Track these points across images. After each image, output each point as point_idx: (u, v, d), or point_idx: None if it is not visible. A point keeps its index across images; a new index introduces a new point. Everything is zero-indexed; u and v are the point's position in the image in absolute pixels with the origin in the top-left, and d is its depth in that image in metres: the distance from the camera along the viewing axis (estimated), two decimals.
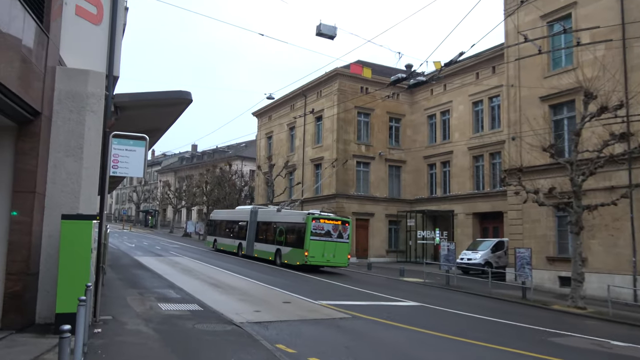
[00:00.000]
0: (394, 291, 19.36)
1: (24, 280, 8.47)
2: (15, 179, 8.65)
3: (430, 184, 38.15)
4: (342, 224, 26.58)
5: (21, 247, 8.52)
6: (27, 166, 8.67)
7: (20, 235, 8.55)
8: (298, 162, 42.36)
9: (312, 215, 26.06)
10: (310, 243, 25.48)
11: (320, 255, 25.72)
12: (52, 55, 9.02)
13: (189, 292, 15.28)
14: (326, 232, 25.97)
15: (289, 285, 18.76)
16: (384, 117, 39.08)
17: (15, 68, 7.57)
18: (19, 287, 8.40)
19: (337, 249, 26.03)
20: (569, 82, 22.27)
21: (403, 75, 18.90)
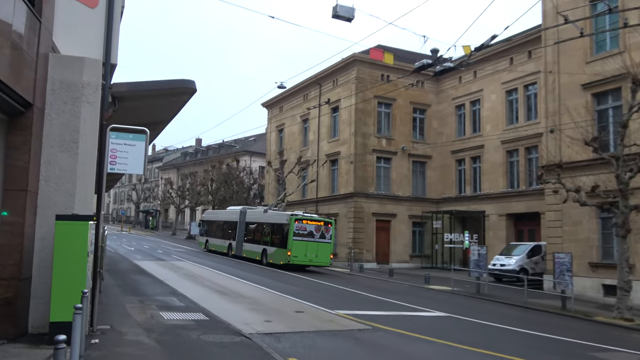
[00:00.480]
0: (419, 300, 19.29)
1: (16, 286, 8.56)
2: (5, 176, 8.73)
3: (458, 181, 37.93)
4: (324, 225, 29.67)
5: (12, 250, 8.61)
6: (19, 162, 8.76)
7: (11, 237, 8.64)
8: (312, 157, 42.40)
9: (295, 216, 29.17)
10: (293, 243, 28.52)
11: (302, 255, 28.72)
12: (44, 41, 9.11)
13: (193, 299, 15.37)
14: (309, 233, 28.99)
15: (301, 293, 18.79)
16: (407, 107, 38.90)
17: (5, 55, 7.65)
18: (11, 294, 8.49)
19: (319, 249, 29.05)
20: (615, 67, 21.94)
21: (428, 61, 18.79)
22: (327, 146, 40.88)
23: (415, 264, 37.66)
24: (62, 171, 9.30)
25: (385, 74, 37.72)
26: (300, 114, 45.02)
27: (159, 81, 10.99)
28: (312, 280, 24.41)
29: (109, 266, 22.18)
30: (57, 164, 9.30)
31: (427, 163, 39.54)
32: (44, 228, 9.09)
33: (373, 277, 28.42)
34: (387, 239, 37.57)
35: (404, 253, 37.95)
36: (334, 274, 29.59)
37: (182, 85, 11.14)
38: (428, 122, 39.84)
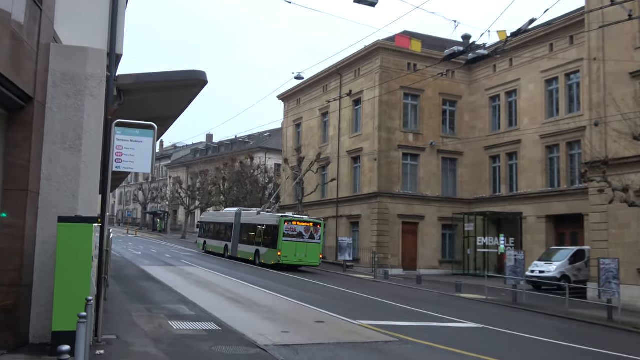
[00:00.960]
0: (449, 310, 19.19)
1: (16, 292, 8.68)
2: (4, 176, 8.84)
3: (492, 180, 37.68)
4: (314, 226, 33.00)
5: (12, 255, 8.71)
6: (19, 160, 8.86)
7: (11, 241, 8.74)
8: (332, 154, 42.41)
9: (284, 218, 32.73)
10: (283, 244, 31.77)
11: (292, 255, 31.94)
12: (45, 30, 9.21)
13: (204, 308, 15.47)
14: (298, 234, 32.27)
15: (321, 302, 18.80)
16: (436, 99, 38.72)
17: (4, 46, 7.75)
18: (11, 301, 8.60)
19: (308, 249, 32.33)
20: None
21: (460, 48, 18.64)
22: (348, 142, 40.85)
23: (445, 271, 37.49)
24: (65, 170, 9.40)
25: (412, 62, 37.56)
26: (320, 107, 45.04)
27: (167, 72, 11.06)
28: (331, 287, 24.41)
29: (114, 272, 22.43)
30: (60, 162, 9.40)
31: (458, 160, 39.32)
32: (45, 231, 9.20)
33: (399, 285, 28.36)
34: (415, 243, 37.45)
35: (433, 258, 37.79)
36: (354, 280, 29.60)
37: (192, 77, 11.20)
38: (459, 115, 39.59)
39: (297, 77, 36.45)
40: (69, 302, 8.25)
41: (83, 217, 8.91)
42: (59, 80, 9.50)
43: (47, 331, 8.78)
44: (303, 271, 32.57)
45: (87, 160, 9.53)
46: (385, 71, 37.40)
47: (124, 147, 10.03)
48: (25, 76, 8.54)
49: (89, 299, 7.96)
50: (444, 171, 39.10)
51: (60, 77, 9.50)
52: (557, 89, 33.24)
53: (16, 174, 8.83)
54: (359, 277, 31.58)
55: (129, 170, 10.25)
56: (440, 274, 36.78)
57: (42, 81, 9.22)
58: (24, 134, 8.88)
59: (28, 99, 8.83)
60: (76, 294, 8.30)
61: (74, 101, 9.51)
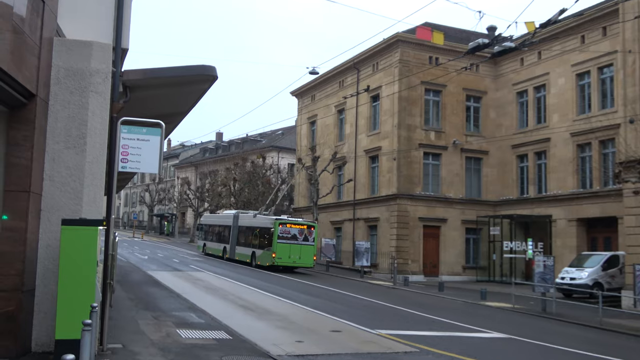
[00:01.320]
0: (474, 319, 19.09)
1: (18, 298, 8.75)
2: (6, 176, 8.91)
3: (520, 181, 37.43)
4: (307, 228, 35.84)
5: (14, 259, 8.79)
6: (20, 160, 8.92)
7: (13, 244, 8.81)
8: (349, 153, 42.39)
9: (279, 220, 35.49)
10: (277, 246, 34.53)
11: (286, 256, 34.68)
12: (48, 24, 9.28)
13: (214, 315, 15.53)
14: (292, 236, 35.05)
15: (338, 310, 18.80)
16: (460, 95, 38.55)
17: (5, 40, 7.81)
18: (13, 307, 8.68)
19: (302, 251, 35.07)
20: None
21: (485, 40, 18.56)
22: (366, 140, 40.80)
23: (469, 277, 37.32)
24: (69, 170, 9.46)
25: (433, 56, 37.42)
26: (335, 103, 45.02)
27: (175, 67, 11.10)
28: (348, 294, 24.40)
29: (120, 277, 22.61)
30: (63, 162, 9.46)
31: (483, 159, 39.12)
32: (48, 234, 9.27)
33: (420, 292, 28.28)
34: (436, 248, 37.32)
35: (456, 264, 37.63)
36: (372, 287, 29.56)
37: (202, 72, 11.22)
38: (484, 111, 39.39)
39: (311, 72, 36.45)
40: (73, 309, 8.31)
41: (87, 219, 8.97)
42: (62, 76, 9.56)
43: (50, 339, 8.84)
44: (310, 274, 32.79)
45: (92, 159, 9.59)
46: (405, 65, 37.29)
47: (130, 146, 10.07)
48: (27, 72, 8.60)
49: (94, 305, 8.01)
50: (468, 171, 38.91)
51: (63, 73, 9.57)
52: (589, 83, 32.93)
53: (18, 174, 8.89)
54: (377, 284, 31.54)
55: (136, 170, 10.29)
56: (464, 280, 36.62)
57: (45, 77, 9.29)
58: (26, 132, 8.95)
59: (30, 96, 8.90)
60: (80, 300, 8.36)
61: (78, 98, 9.58)
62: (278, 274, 32.80)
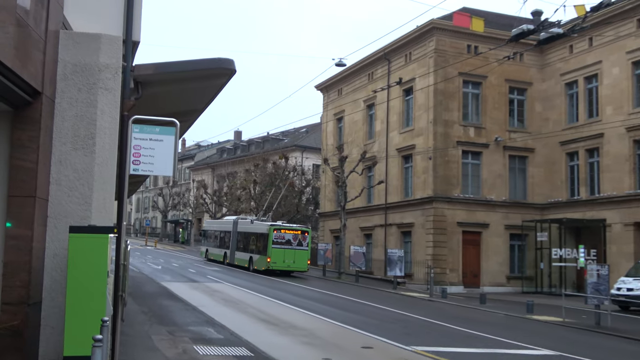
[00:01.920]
0: (519, 334, 18.92)
1: (24, 312, 8.85)
2: (10, 180, 9.00)
3: (570, 181, 37.09)
4: (301, 233, 39.93)
5: (19, 270, 8.88)
6: (26, 162, 9.01)
7: (18, 254, 8.90)
8: (380, 152, 42.33)
9: (274, 226, 39.60)
10: (272, 250, 38.53)
11: (281, 261, 38.54)
12: (54, 15, 9.39)
13: (233, 330, 15.62)
14: (287, 241, 39.00)
15: (367, 324, 18.78)
16: (502, 87, 38.29)
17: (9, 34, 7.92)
18: (18, 321, 8.78)
19: (296, 256, 38.98)
20: None
21: (529, 26, 18.42)
22: (398, 138, 40.70)
23: (513, 288, 37.06)
24: (77, 173, 9.55)
25: (472, 44, 37.23)
26: (364, 98, 45.00)
27: (190, 61, 11.16)
28: (379, 307, 24.38)
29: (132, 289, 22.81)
30: (71, 165, 9.55)
31: (529, 158, 38.81)
32: (55, 242, 9.36)
33: (459, 304, 28.13)
34: (477, 256, 37.10)
35: (499, 274, 37.36)
36: (406, 299, 29.49)
37: (219, 66, 11.27)
38: (529, 105, 39.07)
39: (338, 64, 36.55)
40: (83, 323, 8.38)
41: (97, 226, 9.03)
42: (69, 72, 9.65)
43: (58, 355, 8.93)
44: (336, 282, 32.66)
45: (101, 161, 9.66)
46: (441, 55, 37.14)
47: (142, 146, 10.10)
48: (32, 68, 8.70)
49: (105, 319, 8.08)
50: (512, 171, 38.62)
51: (70, 69, 9.66)
52: None
53: (22, 178, 8.97)
54: (411, 296, 31.46)
55: (148, 173, 10.33)
56: (508, 291, 36.37)
57: (51, 73, 9.38)
58: (31, 133, 9.03)
59: (35, 94, 8.99)
60: (90, 314, 8.43)
61: (86, 95, 9.66)
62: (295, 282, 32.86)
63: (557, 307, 25.45)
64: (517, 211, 37.99)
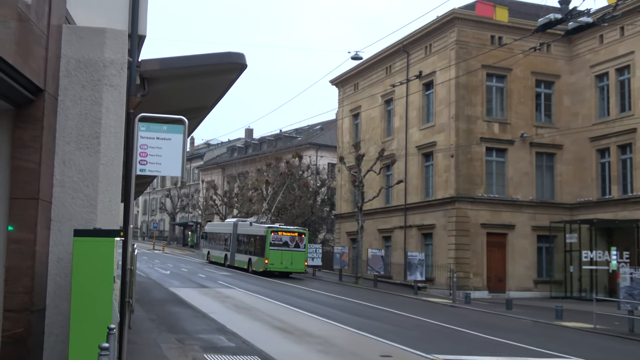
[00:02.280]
0: (547, 341, 18.84)
1: (27, 319, 8.91)
2: (12, 182, 9.06)
3: (601, 179, 36.91)
4: (298, 235, 42.59)
5: (22, 275, 8.94)
6: (28, 163, 9.07)
7: (20, 259, 8.96)
8: (399, 150, 42.25)
9: (271, 228, 42.22)
10: (270, 252, 41.17)
11: (279, 262, 41.20)
12: (56, 10, 9.45)
13: (246, 338, 15.66)
14: (284, 243, 41.72)
15: (385, 330, 18.75)
16: (528, 80, 38.13)
17: (11, 30, 7.98)
18: (21, 329, 8.83)
19: (294, 257, 41.67)
20: None
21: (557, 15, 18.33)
22: (418, 135, 40.62)
23: (541, 293, 36.90)
24: (81, 174, 9.60)
25: (496, 35, 37.11)
26: (382, 92, 44.95)
27: (199, 55, 11.17)
28: (398, 313, 24.34)
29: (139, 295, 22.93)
30: (75, 165, 9.60)
31: (557, 155, 38.63)
32: (59, 246, 9.41)
33: (483, 310, 28.04)
34: (503, 259, 36.97)
35: (526, 278, 37.21)
36: (427, 305, 29.42)
37: (229, 60, 11.29)
38: (557, 99, 38.87)
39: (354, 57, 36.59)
40: (88, 331, 8.43)
41: (103, 230, 9.08)
42: (72, 68, 9.70)
43: None
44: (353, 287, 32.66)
45: (107, 162, 9.70)
46: (463, 47, 37.02)
47: (149, 145, 10.12)
48: (34, 64, 8.75)
49: (111, 327, 8.13)
50: (539, 169, 38.45)
51: (74, 65, 9.70)
52: None
53: (25, 179, 9.01)
54: (433, 301, 31.39)
55: (156, 173, 10.36)
56: (536, 297, 36.21)
57: (54, 69, 9.43)
58: (34, 132, 9.08)
59: (37, 91, 9.04)
60: (96, 321, 8.48)
61: (90, 92, 9.70)
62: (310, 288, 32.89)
63: (587, 313, 25.31)
64: (545, 211, 37.81)
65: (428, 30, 39.53)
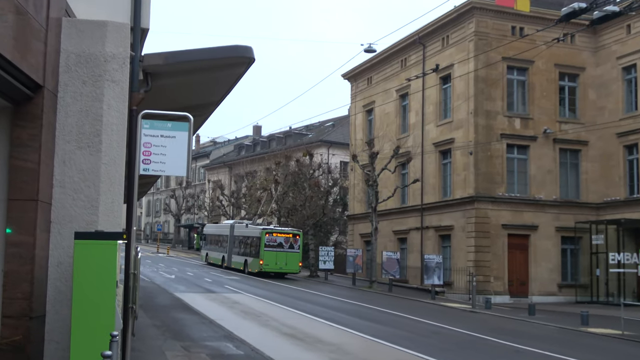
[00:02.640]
0: (573, 349, 18.78)
1: (26, 326, 8.95)
2: (10, 182, 9.09)
3: (629, 177, 36.79)
4: (293, 237, 45.24)
5: (21, 280, 8.97)
6: (26, 163, 9.09)
7: (19, 263, 8.99)
8: (414, 148, 42.20)
9: (265, 230, 44.93)
10: (265, 253, 43.85)
11: (273, 263, 43.97)
12: (55, 2, 9.45)
13: (254, 346, 15.69)
14: (279, 244, 44.40)
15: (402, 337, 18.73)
16: (551, 72, 37.99)
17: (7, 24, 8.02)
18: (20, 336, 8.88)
19: (288, 258, 44.39)
20: None
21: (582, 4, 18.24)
22: (435, 131, 40.55)
23: (566, 297, 36.81)
24: (82, 174, 9.62)
25: (517, 25, 37.02)
26: (397, 87, 44.90)
27: (204, 49, 11.19)
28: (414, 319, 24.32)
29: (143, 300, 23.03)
30: (75, 165, 9.62)
31: (582, 152, 38.49)
32: (59, 250, 9.45)
33: (505, 316, 27.98)
34: (525, 262, 36.88)
35: (550, 281, 37.09)
36: (445, 310, 29.39)
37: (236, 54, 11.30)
38: (582, 92, 38.71)
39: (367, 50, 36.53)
40: (90, 338, 8.46)
41: (105, 232, 9.10)
42: (72, 63, 9.72)
43: None
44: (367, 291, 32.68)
45: (108, 161, 9.72)
46: (483, 38, 36.92)
47: (153, 144, 10.13)
48: (33, 59, 8.78)
49: (114, 334, 8.16)
50: (563, 167, 38.31)
51: (74, 59, 9.72)
52: None
53: (23, 179, 9.03)
54: (451, 307, 31.36)
55: (160, 173, 10.37)
56: (560, 301, 36.13)
57: (53, 65, 9.46)
58: (32, 131, 9.09)
59: (36, 88, 9.06)
60: (98, 328, 8.51)
61: (91, 89, 9.72)
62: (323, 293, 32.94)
63: (615, 318, 25.22)
64: (570, 211, 37.67)
65: (445, 20, 39.44)
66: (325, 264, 45.71)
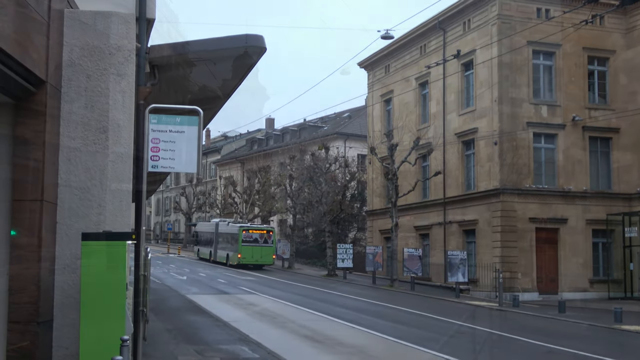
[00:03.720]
0: (607, 347, 18.70)
1: (33, 331, 8.98)
2: (14, 182, 9.09)
3: None
4: (267, 233, 54.08)
5: (27, 284, 9.01)
6: (30, 162, 9.11)
7: (25, 266, 9.01)
8: (436, 139, 42.06)
9: (242, 227, 53.77)
10: (242, 248, 52.27)
11: (250, 256, 52.50)
12: None
13: (271, 349, 15.71)
14: (254, 240, 52.89)
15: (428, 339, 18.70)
16: (579, 56, 37.74)
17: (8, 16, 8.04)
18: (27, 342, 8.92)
19: (263, 252, 53.04)
20: None
21: None
22: (457, 121, 40.41)
23: (598, 293, 36.62)
24: (88, 172, 9.64)
25: (543, 7, 36.80)
26: (416, 75, 44.76)
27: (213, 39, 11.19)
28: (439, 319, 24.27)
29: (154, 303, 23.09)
30: (81, 163, 9.64)
31: (613, 140, 38.26)
32: (66, 252, 9.47)
33: (534, 314, 27.89)
34: (554, 257, 36.74)
35: (581, 277, 36.92)
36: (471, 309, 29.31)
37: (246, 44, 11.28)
38: (612, 77, 38.45)
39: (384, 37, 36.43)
40: (99, 344, 8.49)
41: (113, 232, 9.12)
42: (76, 57, 9.73)
43: None
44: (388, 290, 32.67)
45: (115, 158, 9.72)
46: (506, 21, 36.72)
47: (162, 139, 10.12)
48: (35, 53, 8.79)
49: (125, 338, 8.18)
50: (593, 156, 38.09)
51: (78, 53, 9.74)
52: None
53: (27, 179, 9.05)
54: (477, 305, 31.27)
55: (169, 170, 10.37)
56: (592, 298, 35.93)
57: (56, 59, 9.47)
58: (36, 128, 9.10)
59: (39, 83, 9.07)
60: (108, 332, 8.54)
61: (96, 83, 9.73)
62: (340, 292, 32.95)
63: None
64: (601, 203, 37.47)
65: (466, 4, 39.22)
66: (343, 262, 45.72)
